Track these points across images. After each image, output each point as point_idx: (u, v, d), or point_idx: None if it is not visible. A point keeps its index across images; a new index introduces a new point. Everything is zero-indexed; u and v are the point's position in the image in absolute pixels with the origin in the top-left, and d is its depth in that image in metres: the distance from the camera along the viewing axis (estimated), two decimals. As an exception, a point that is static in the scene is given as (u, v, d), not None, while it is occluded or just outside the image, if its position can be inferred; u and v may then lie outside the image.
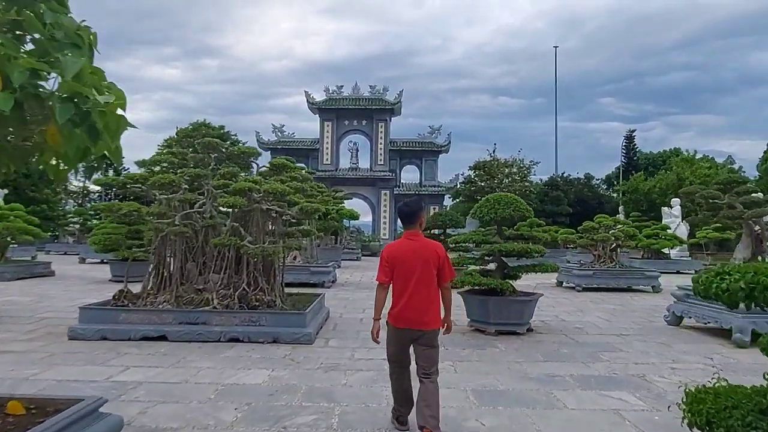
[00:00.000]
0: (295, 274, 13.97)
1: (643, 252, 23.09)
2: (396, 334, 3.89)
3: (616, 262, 14.51)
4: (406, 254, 3.87)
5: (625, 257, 28.90)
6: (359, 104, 44.58)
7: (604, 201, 45.70)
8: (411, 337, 3.83)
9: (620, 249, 15.73)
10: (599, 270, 14.05)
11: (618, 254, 15.13)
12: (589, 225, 14.63)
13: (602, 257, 14.49)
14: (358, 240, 33.02)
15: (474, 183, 41.57)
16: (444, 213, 14.73)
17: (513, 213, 7.82)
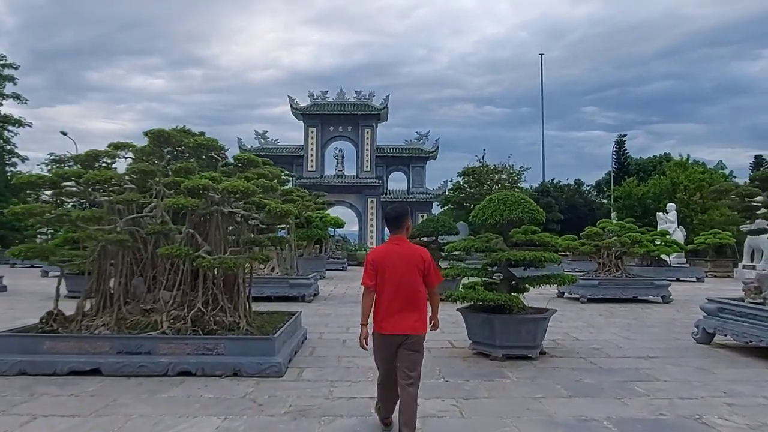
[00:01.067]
0: (273, 287, 12.64)
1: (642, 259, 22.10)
2: (383, 341, 3.83)
3: (622, 270, 13.41)
4: (392, 259, 3.83)
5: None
6: (344, 110, 43.41)
7: (595, 207, 45.06)
8: (398, 341, 3.78)
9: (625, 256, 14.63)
10: (605, 279, 12.93)
11: (623, 262, 14.03)
12: (593, 230, 13.51)
13: (607, 265, 13.37)
14: (344, 249, 31.67)
15: (463, 190, 40.59)
16: (435, 219, 13.53)
17: (522, 215, 6.62)
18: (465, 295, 6.47)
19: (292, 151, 44.31)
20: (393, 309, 3.77)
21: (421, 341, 3.84)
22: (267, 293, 12.59)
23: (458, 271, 7.02)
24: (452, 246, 7.51)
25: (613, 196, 34.07)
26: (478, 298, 6.30)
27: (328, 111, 43.32)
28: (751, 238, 20.80)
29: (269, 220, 6.57)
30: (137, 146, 6.80)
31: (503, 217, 6.64)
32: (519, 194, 6.94)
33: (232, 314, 6.39)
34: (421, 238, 14.18)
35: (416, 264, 3.84)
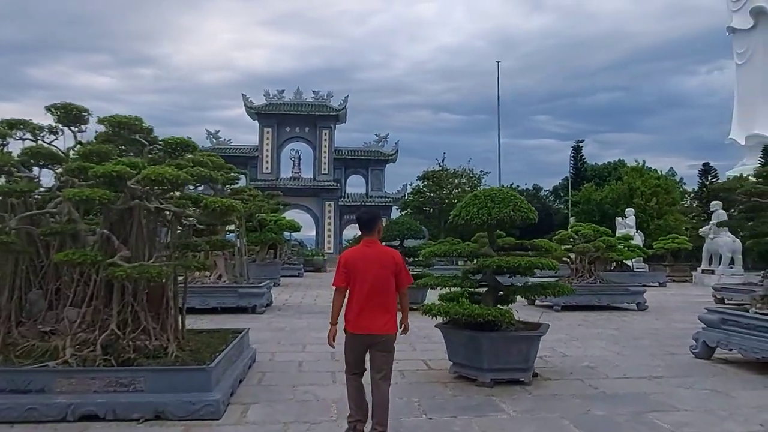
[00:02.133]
0: (219, 297, 11.22)
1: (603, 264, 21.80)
2: (354, 341, 3.89)
3: (596, 276, 12.75)
4: (364, 260, 3.89)
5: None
6: (302, 110, 41.91)
7: (553, 212, 45.33)
8: (369, 342, 3.84)
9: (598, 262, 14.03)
10: (579, 286, 12.20)
11: (596, 267, 13.40)
12: (566, 235, 12.80)
13: (580, 271, 12.68)
14: (300, 254, 30.21)
15: (423, 194, 39.82)
16: (401, 221, 12.48)
17: (513, 213, 5.61)
18: (448, 310, 5.40)
19: (246, 152, 42.41)
20: (365, 309, 3.81)
21: (392, 341, 3.91)
22: (213, 304, 11.17)
23: (437, 280, 5.95)
24: (430, 251, 6.44)
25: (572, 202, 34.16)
26: (465, 313, 5.23)
27: (284, 111, 41.72)
28: (710, 243, 20.86)
29: (208, 218, 5.30)
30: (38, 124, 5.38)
31: (491, 216, 5.61)
32: (508, 190, 5.95)
33: (158, 337, 5.08)
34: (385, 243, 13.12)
35: (388, 265, 3.90)
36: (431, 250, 6.34)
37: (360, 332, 3.82)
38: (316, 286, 19.63)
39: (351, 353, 3.93)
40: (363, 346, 3.86)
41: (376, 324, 3.80)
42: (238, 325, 9.58)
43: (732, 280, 19.41)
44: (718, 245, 20.34)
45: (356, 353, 3.90)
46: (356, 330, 3.84)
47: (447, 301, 5.82)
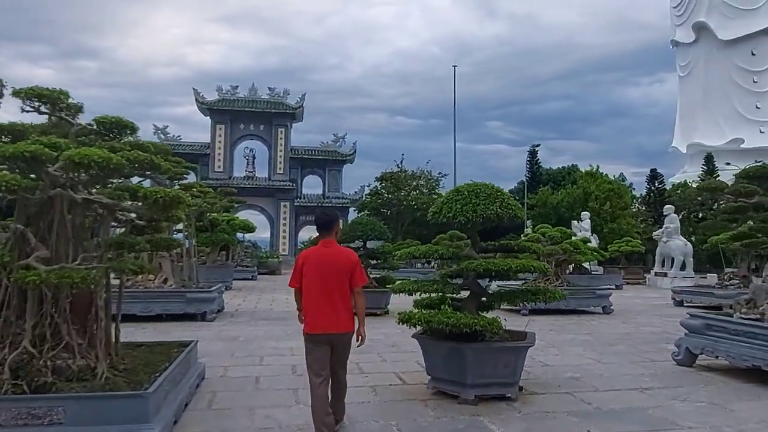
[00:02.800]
0: (164, 303, 10.21)
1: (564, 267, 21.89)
2: (314, 341, 3.91)
3: (562, 279, 12.51)
4: (320, 261, 3.94)
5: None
6: (257, 107, 40.56)
7: (509, 215, 45.79)
8: (327, 341, 3.90)
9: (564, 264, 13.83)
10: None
11: (563, 270, 13.19)
12: (534, 237, 12.49)
13: (547, 274, 12.38)
14: (254, 256, 28.98)
15: (381, 195, 39.23)
16: (365, 222, 11.81)
17: (500, 211, 5.06)
18: (429, 319, 4.76)
19: (197, 150, 40.63)
20: (322, 309, 3.87)
21: (350, 339, 4.02)
22: (157, 311, 10.16)
23: (415, 285, 5.31)
24: (407, 252, 5.80)
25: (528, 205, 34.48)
26: (449, 323, 4.62)
27: (238, 107, 40.27)
28: (662, 246, 21.28)
29: (149, 212, 4.46)
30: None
31: (476, 213, 5.04)
32: (492, 186, 5.40)
33: (84, 354, 4.20)
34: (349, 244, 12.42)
35: (345, 266, 3.95)
36: (408, 251, 5.70)
37: (319, 332, 3.88)
38: (271, 289, 18.65)
39: (313, 355, 3.92)
40: (324, 346, 3.89)
41: (335, 323, 3.88)
42: (186, 334, 8.70)
43: (684, 283, 19.84)
44: (671, 248, 20.76)
45: (318, 354, 3.90)
46: (315, 330, 3.89)
47: (426, 309, 5.19)
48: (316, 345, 3.89)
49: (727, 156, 46.51)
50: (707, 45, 63.07)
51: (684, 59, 66.54)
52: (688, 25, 65.32)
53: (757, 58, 60.65)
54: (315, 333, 3.87)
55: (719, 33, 61.84)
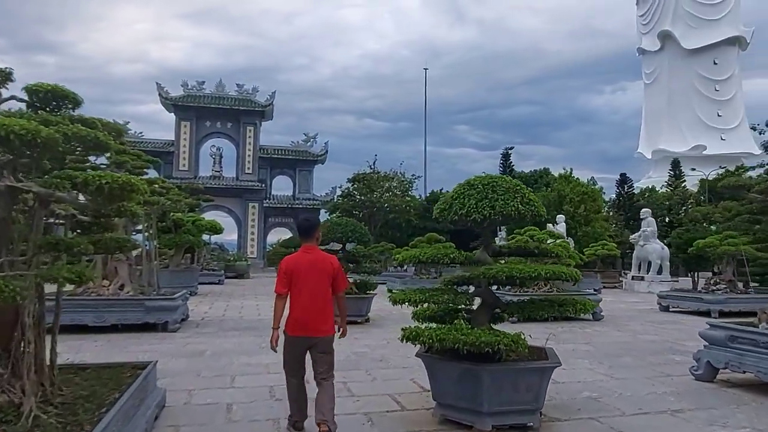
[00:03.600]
0: (120, 312, 9.12)
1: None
2: (293, 343, 4.00)
3: (551, 284, 11.95)
4: (303, 266, 4.01)
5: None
6: (224, 104, 39.09)
7: (481, 218, 45.52)
8: (308, 344, 3.97)
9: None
10: (536, 296, 11.28)
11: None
12: (521, 240, 11.88)
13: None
14: (221, 259, 27.67)
15: (353, 197, 38.37)
16: (344, 222, 10.95)
17: (522, 209, 4.32)
18: (443, 336, 3.95)
19: (160, 147, 38.86)
20: (304, 313, 3.95)
21: (330, 342, 4.06)
22: (111, 321, 9.06)
23: (422, 295, 4.50)
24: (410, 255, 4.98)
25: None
26: (468, 341, 3.83)
27: (204, 103, 38.69)
28: (639, 250, 21.16)
29: (93, 203, 3.52)
30: None
31: (495, 210, 4.28)
32: (510, 179, 4.66)
33: (5, 388, 3.24)
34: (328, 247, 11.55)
35: (326, 271, 4.04)
36: (412, 254, 4.89)
37: (300, 335, 3.96)
38: (240, 294, 17.56)
39: (290, 355, 4.04)
40: (302, 348, 4.00)
41: (316, 327, 3.95)
42: (143, 349, 7.67)
43: (661, 287, 19.70)
44: (648, 252, 20.63)
45: (296, 355, 4.02)
46: (296, 333, 3.97)
47: (436, 323, 4.41)
48: (297, 347, 3.99)
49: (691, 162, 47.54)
50: (672, 53, 64.78)
51: (649, 67, 68.26)
52: (653, 34, 66.99)
53: (719, 67, 62.63)
54: (297, 336, 3.96)
55: (683, 42, 63.57)
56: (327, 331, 3.99)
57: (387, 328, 10.10)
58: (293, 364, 4.02)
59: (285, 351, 4.05)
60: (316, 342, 3.94)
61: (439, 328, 4.15)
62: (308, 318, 3.93)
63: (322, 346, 3.97)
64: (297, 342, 3.96)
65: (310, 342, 3.94)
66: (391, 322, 10.99)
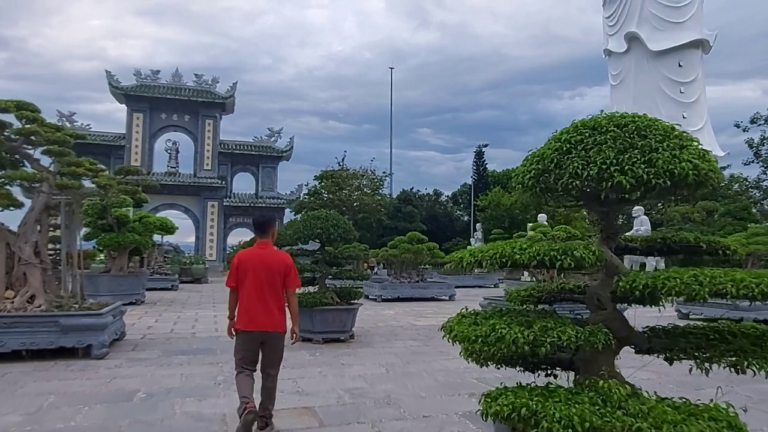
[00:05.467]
0: (25, 333, 6.78)
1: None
2: (245, 337, 4.03)
3: (567, 289, 10.18)
4: (255, 261, 4.06)
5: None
6: (181, 95, 36.14)
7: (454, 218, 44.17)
8: (260, 339, 4.00)
9: (568, 271, 11.57)
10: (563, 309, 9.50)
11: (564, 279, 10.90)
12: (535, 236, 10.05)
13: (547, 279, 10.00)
14: (175, 262, 24.94)
15: (320, 195, 36.07)
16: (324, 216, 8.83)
17: (701, 165, 2.38)
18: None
19: (109, 140, 35.66)
20: (255, 308, 3.98)
21: (281, 338, 4.11)
22: (14, 346, 6.71)
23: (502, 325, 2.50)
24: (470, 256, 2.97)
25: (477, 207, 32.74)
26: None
27: (159, 94, 35.68)
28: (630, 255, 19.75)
29: None
30: None
31: (657, 168, 2.33)
32: (659, 120, 2.72)
33: None
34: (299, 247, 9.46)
35: (278, 267, 4.07)
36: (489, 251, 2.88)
37: (251, 329, 3.98)
38: (195, 303, 15.15)
39: (243, 350, 4.04)
40: (255, 343, 4.01)
41: (266, 321, 3.98)
42: (48, 387, 5.39)
43: (659, 289, 18.40)
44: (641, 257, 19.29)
45: (248, 350, 4.02)
46: (247, 327, 3.99)
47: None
48: (248, 343, 4.01)
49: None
50: (638, 55, 65.37)
51: (616, 68, 68.71)
52: (620, 36, 67.42)
53: (684, 69, 63.49)
54: (248, 330, 3.99)
55: (649, 44, 64.16)
56: (276, 326, 4.02)
57: (379, 348, 8.09)
58: (246, 359, 4.02)
59: (236, 345, 4.09)
60: (266, 337, 4.00)
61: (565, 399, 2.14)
62: (256, 313, 3.97)
63: (272, 342, 4.02)
64: (247, 336, 4.00)
65: (263, 336, 3.98)
66: (380, 339, 8.98)
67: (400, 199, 37.95)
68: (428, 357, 7.44)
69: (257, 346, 4.00)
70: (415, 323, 11.28)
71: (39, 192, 7.81)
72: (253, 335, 3.97)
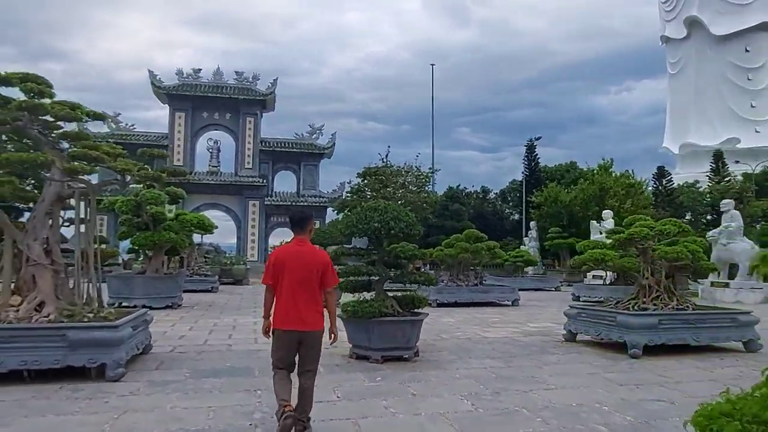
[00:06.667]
0: (26, 350, 5.65)
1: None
2: (282, 337, 3.96)
3: (679, 298, 8.25)
4: (292, 259, 4.00)
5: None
6: (222, 93, 35.53)
7: (504, 216, 42.05)
8: (297, 338, 3.93)
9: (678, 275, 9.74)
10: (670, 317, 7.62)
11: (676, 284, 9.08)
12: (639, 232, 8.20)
13: (653, 290, 8.15)
14: (216, 263, 24.07)
15: (363, 193, 34.75)
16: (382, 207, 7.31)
17: None
18: None
19: (153, 140, 35.36)
20: (292, 306, 3.89)
21: (319, 337, 4.03)
22: (13, 365, 5.52)
23: None
24: None
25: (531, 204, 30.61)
26: None
27: (200, 93, 35.19)
28: (721, 250, 17.37)
29: None
30: None
31: None
32: None
33: None
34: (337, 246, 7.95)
35: (315, 265, 3.99)
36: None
37: (287, 328, 3.91)
38: (235, 306, 13.98)
39: (280, 350, 3.98)
40: (292, 342, 3.93)
41: (303, 320, 3.89)
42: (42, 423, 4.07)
43: (754, 295, 16.03)
44: (735, 252, 16.92)
45: (285, 350, 3.96)
46: (284, 326, 3.92)
47: None
48: (285, 341, 3.94)
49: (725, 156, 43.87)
50: (699, 41, 60.85)
51: (675, 56, 64.32)
52: (679, 20, 63.08)
53: (751, 54, 58.69)
54: (284, 329, 3.91)
55: (712, 28, 59.69)
56: (313, 326, 3.94)
57: (453, 370, 6.52)
58: (282, 360, 3.97)
59: (273, 344, 4.04)
60: (303, 336, 3.91)
61: None
62: (292, 311, 3.89)
63: (308, 341, 3.94)
64: (283, 335, 3.94)
65: (299, 336, 3.91)
66: (450, 356, 7.41)
67: (447, 196, 36.17)
68: (520, 385, 5.82)
69: (294, 346, 3.94)
70: (485, 335, 9.63)
71: (50, 180, 6.63)
72: (290, 334, 3.91)
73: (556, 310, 14.40)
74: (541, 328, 10.55)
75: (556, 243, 26.18)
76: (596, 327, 8.08)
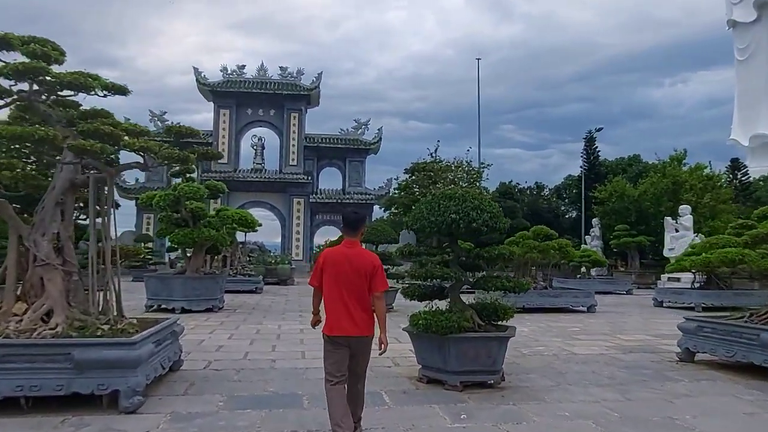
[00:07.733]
0: (24, 373, 4.49)
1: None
2: (333, 343, 3.84)
3: None
4: (341, 261, 3.87)
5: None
6: (266, 88, 34.84)
7: (560, 213, 39.67)
8: (347, 343, 3.81)
9: None
10: None
11: None
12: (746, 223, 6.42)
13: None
14: (260, 262, 23.20)
15: (411, 190, 33.25)
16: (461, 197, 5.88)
17: None
18: None
19: (198, 138, 35.04)
20: (343, 312, 3.79)
21: (369, 343, 3.91)
22: (8, 392, 4.39)
23: None
24: None
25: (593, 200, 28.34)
26: None
27: (245, 89, 34.65)
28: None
29: None
30: None
31: None
32: None
33: None
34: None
35: (364, 268, 3.84)
36: None
37: (338, 334, 3.79)
38: (279, 310, 12.85)
39: (333, 356, 3.83)
40: (343, 348, 3.81)
41: (353, 326, 3.78)
42: None
43: None
44: None
45: (339, 355, 3.82)
46: (334, 332, 3.80)
47: None
48: (336, 347, 3.81)
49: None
50: (772, 24, 55.96)
51: (743, 41, 59.50)
52: (747, 3, 58.30)
53: (832, 36, 53.41)
54: (334, 335, 3.79)
55: (788, 9, 54.77)
56: (363, 331, 3.79)
57: (554, 403, 5.02)
58: (333, 367, 3.78)
59: (325, 354, 3.88)
60: (355, 341, 3.79)
61: None
62: (342, 317, 3.76)
63: (359, 347, 3.83)
64: (336, 341, 3.79)
65: (348, 341, 3.78)
66: (544, 381, 5.89)
67: (499, 192, 34.21)
68: (656, 430, 4.26)
69: (346, 352, 3.80)
70: (573, 350, 8.03)
71: (60, 164, 5.53)
72: (340, 340, 3.77)
73: (641, 317, 12.62)
74: (639, 343, 8.84)
75: (624, 241, 23.91)
76: (729, 346, 6.36)
